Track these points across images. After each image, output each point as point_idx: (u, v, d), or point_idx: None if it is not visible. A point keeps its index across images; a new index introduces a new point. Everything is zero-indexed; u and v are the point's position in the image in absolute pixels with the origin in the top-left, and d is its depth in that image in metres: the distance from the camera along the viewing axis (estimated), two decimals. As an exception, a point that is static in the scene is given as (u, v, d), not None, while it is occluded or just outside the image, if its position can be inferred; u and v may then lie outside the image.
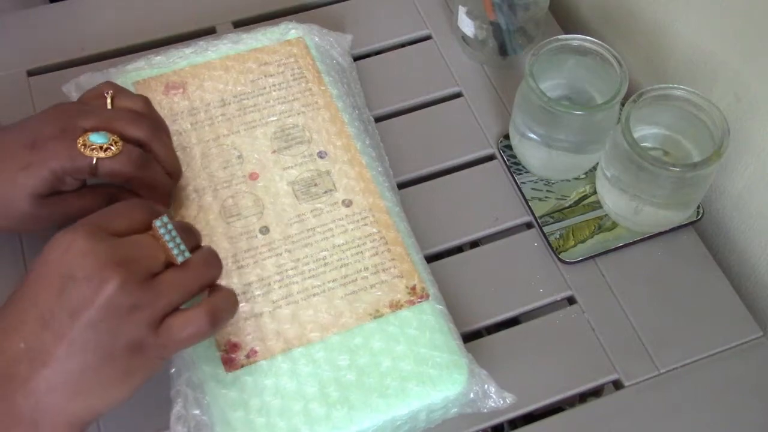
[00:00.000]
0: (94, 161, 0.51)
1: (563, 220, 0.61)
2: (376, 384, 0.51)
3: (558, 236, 0.60)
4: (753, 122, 0.58)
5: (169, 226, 0.45)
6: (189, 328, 0.45)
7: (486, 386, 0.51)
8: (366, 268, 0.55)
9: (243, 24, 0.72)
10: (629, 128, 0.54)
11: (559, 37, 0.59)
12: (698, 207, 0.61)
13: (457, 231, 0.61)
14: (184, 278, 0.45)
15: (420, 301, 0.54)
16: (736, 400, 0.55)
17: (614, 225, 0.61)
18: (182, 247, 0.45)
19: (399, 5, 0.74)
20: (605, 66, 0.58)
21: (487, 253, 0.61)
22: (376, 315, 0.53)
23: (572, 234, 0.61)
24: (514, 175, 0.64)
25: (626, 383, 0.55)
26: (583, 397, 0.56)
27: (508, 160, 0.64)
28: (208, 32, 0.71)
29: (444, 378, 0.51)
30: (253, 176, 0.59)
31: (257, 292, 0.54)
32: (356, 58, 0.70)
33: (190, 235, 0.47)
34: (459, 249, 0.62)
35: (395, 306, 0.54)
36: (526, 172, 0.64)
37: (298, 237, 0.56)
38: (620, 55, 0.57)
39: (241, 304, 0.53)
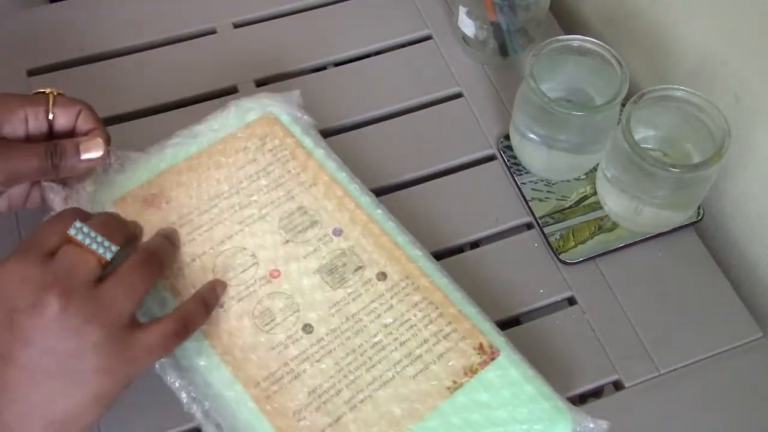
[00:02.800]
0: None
1: (564, 220, 0.61)
2: None
3: (558, 237, 0.60)
4: (753, 122, 0.58)
5: (85, 229, 0.45)
6: (158, 336, 0.45)
7: (584, 423, 0.50)
8: (426, 340, 0.51)
9: (243, 25, 0.72)
10: (630, 129, 0.54)
11: (560, 37, 0.59)
12: (699, 207, 0.61)
13: (457, 231, 0.61)
14: (127, 282, 0.45)
15: (494, 358, 0.51)
16: (736, 401, 0.55)
17: (614, 225, 0.61)
18: (106, 243, 0.45)
19: (399, 5, 0.74)
20: (606, 67, 0.58)
21: (487, 254, 0.61)
22: (455, 387, 0.50)
23: (572, 234, 0.61)
24: (514, 175, 0.64)
25: (627, 384, 0.55)
26: (583, 398, 0.56)
27: (508, 160, 0.64)
28: (209, 33, 0.71)
29: (551, 428, 0.49)
30: (274, 274, 0.53)
31: (326, 397, 0.49)
32: (357, 58, 0.70)
33: (115, 229, 0.47)
34: (459, 249, 0.62)
35: (470, 371, 0.50)
36: (527, 173, 0.64)
37: (344, 327, 0.52)
38: (621, 55, 0.57)
39: (317, 414, 0.49)
